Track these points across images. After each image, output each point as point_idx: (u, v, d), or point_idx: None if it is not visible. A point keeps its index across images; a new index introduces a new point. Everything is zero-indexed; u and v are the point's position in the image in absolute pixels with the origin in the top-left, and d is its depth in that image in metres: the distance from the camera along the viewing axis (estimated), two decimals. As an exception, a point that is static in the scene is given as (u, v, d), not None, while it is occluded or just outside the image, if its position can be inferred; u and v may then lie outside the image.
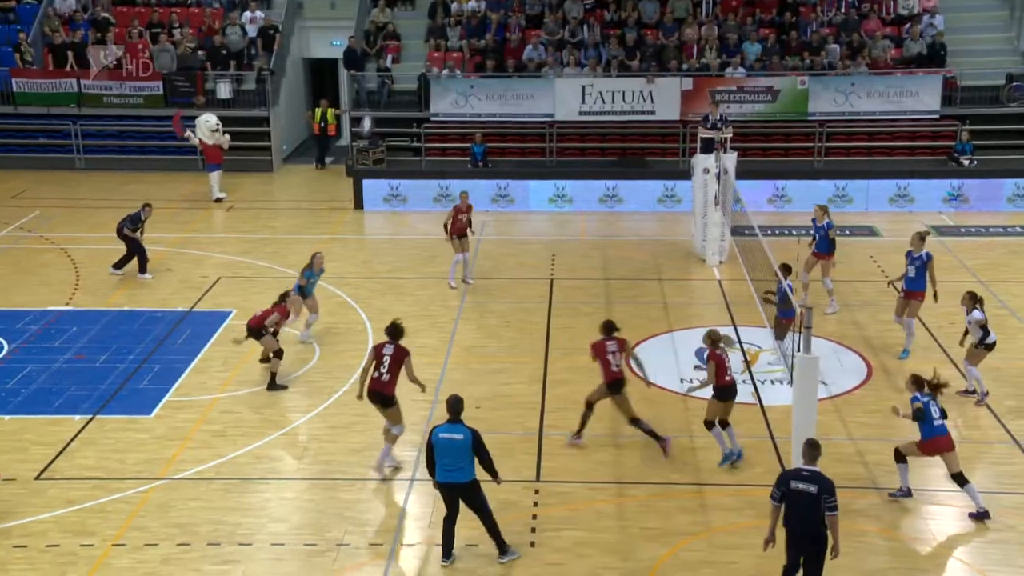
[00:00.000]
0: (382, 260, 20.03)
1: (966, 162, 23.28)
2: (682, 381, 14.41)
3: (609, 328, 12.71)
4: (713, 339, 12.19)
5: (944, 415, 11.24)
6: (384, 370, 11.94)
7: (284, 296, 14.89)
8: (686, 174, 21.05)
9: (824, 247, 16.69)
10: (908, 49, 25.32)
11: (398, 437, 12.21)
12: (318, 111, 26.67)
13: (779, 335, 13.87)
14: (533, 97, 24.89)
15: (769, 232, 20.25)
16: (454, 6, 27.36)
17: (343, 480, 12.14)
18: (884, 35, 25.59)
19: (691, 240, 20.01)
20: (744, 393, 13.95)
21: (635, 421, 12.54)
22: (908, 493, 11.50)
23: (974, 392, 13.60)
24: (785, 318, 13.82)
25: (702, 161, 19.16)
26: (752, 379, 14.38)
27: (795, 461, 10.53)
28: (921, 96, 24.18)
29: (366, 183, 23.27)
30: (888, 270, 18.67)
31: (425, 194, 23.22)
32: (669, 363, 14.99)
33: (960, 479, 11.15)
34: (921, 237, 15.49)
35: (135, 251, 18.50)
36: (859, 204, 22.48)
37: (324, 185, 25.35)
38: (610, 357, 12.56)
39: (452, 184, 23.13)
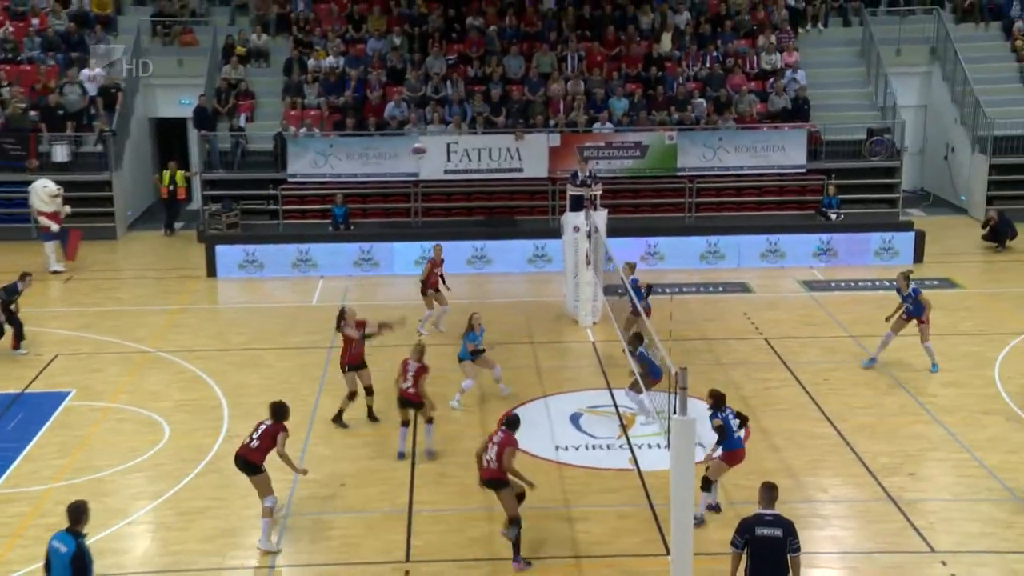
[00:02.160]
0: (238, 331, 19.63)
1: (833, 216, 24.29)
2: (557, 448, 14.46)
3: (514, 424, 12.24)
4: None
5: (741, 425, 12.55)
6: (255, 436, 12.19)
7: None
8: (556, 233, 21.37)
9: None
10: (773, 104, 26.42)
11: (272, 509, 12.11)
12: (166, 173, 26.16)
13: (637, 388, 14.41)
14: (396, 156, 24.98)
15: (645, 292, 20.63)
16: (311, 62, 27.35)
17: (195, 571, 11.71)
18: (749, 90, 26.66)
19: (563, 301, 20.24)
20: (621, 458, 14.11)
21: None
22: (718, 508, 12.59)
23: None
24: (653, 378, 14.14)
25: (572, 219, 19.46)
26: (629, 443, 14.53)
27: (674, 528, 10.63)
28: (787, 151, 25.20)
29: (219, 249, 22.86)
30: (762, 327, 19.23)
31: (283, 260, 22.94)
32: (543, 430, 15.02)
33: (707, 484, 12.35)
34: (906, 277, 17.06)
35: (13, 324, 17.92)
36: (731, 260, 23.16)
37: (173, 252, 24.81)
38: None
39: (311, 248, 22.92)
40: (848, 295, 21.21)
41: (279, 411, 12.47)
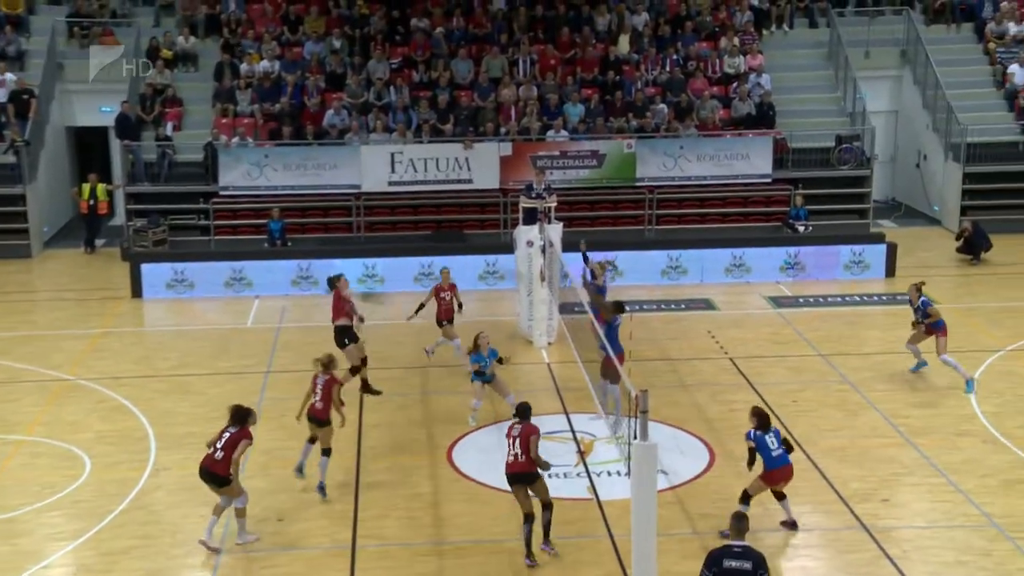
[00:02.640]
0: (165, 355, 19.50)
1: (801, 228, 24.66)
2: (511, 477, 14.51)
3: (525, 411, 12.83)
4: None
5: (784, 446, 12.74)
6: (219, 446, 12.68)
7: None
8: (508, 248, 21.48)
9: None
10: (736, 110, 26.78)
11: (245, 509, 12.82)
12: (86, 187, 25.96)
13: (614, 376, 14.64)
14: (336, 167, 24.99)
15: (600, 309, 20.80)
16: (243, 66, 27.30)
17: (122, 615, 11.62)
18: (712, 95, 26.99)
19: (516, 320, 20.33)
20: (579, 487, 14.19)
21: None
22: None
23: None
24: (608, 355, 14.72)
25: (525, 233, 19.57)
26: (587, 471, 14.61)
27: (636, 560, 10.74)
28: (752, 159, 25.55)
29: (145, 268, 22.72)
30: (726, 345, 19.45)
31: (215, 278, 22.84)
32: (495, 457, 15.05)
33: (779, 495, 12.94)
34: (917, 288, 17.57)
35: None
36: (694, 275, 23.40)
37: (94, 271, 24.59)
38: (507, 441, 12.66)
39: (246, 266, 22.85)
40: (817, 311, 21.52)
41: (241, 415, 12.82)
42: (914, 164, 29.14)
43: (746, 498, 12.82)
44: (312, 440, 14.40)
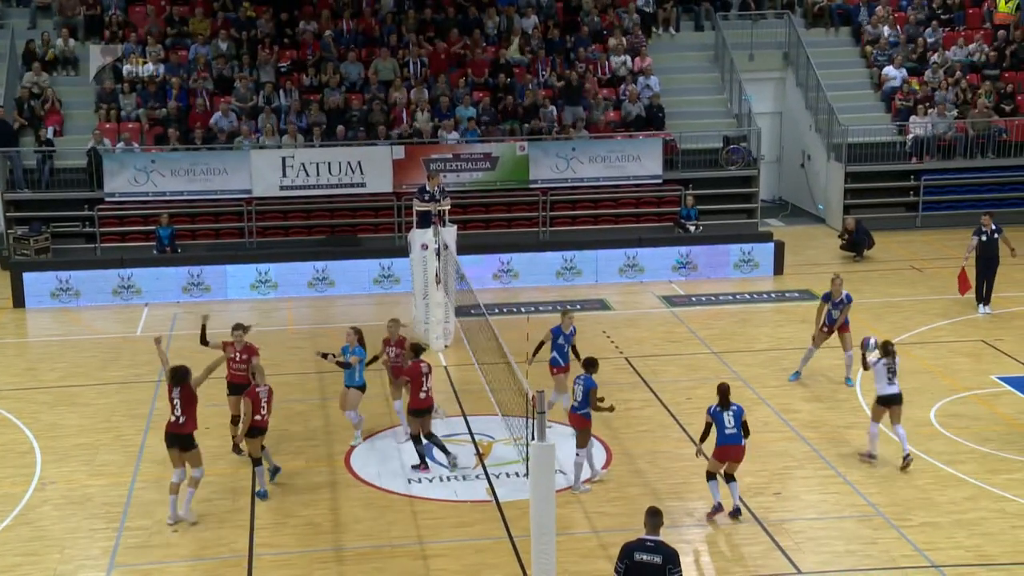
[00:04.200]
0: (51, 366, 18.99)
1: (692, 228, 25.05)
2: (409, 481, 14.46)
3: (417, 350, 14.70)
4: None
5: (740, 427, 13.33)
6: (178, 412, 13.18)
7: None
8: (403, 251, 21.40)
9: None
10: (626, 112, 27.09)
11: (199, 480, 13.33)
12: (-38, 194, 25.12)
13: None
14: (226, 171, 24.62)
15: (497, 311, 20.87)
16: (127, 69, 26.71)
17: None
18: (602, 97, 27.26)
19: (413, 323, 20.27)
20: (479, 489, 14.21)
21: (430, 436, 14.62)
22: (719, 508, 13.40)
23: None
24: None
25: (420, 236, 19.53)
26: (486, 473, 14.64)
27: (535, 559, 10.79)
28: (643, 160, 25.87)
29: (28, 276, 22.11)
30: (622, 344, 19.66)
31: (102, 286, 22.33)
32: (392, 463, 15.01)
33: (712, 475, 13.46)
34: (837, 281, 17.57)
35: None
36: (588, 276, 23.60)
37: (-26, 281, 23.85)
38: (424, 380, 14.41)
39: (134, 273, 22.40)
40: (709, 309, 21.88)
41: (181, 375, 13.29)
42: (799, 164, 29.84)
43: (710, 476, 13.47)
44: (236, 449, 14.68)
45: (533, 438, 10.96)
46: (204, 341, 15.32)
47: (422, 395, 14.50)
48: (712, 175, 26.70)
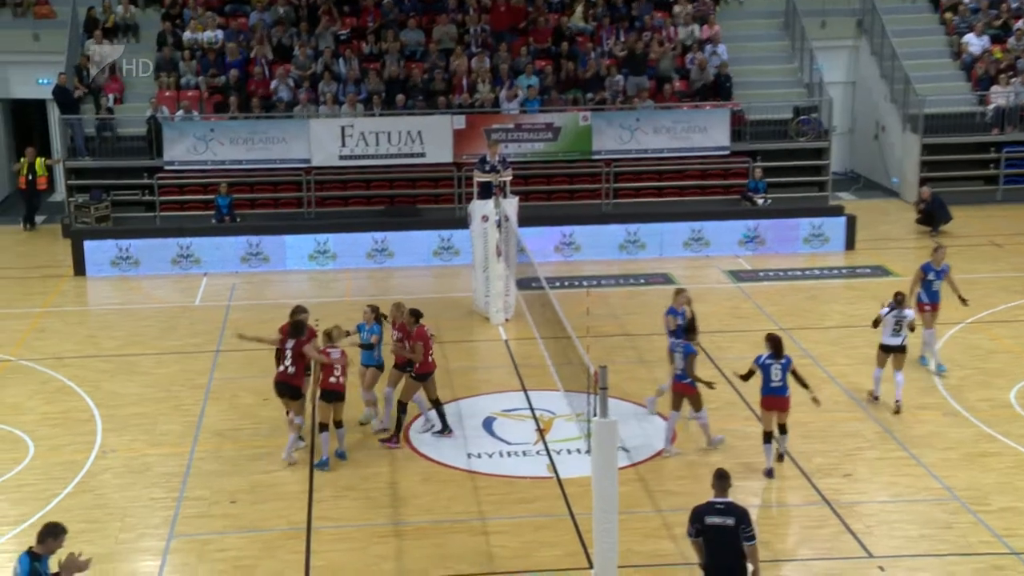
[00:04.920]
0: (111, 334, 19.26)
1: (760, 201, 24.76)
2: (469, 456, 14.49)
3: (417, 315, 14.69)
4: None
5: (786, 379, 13.64)
6: (288, 362, 13.93)
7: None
8: (463, 223, 21.39)
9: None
10: (693, 81, 26.78)
11: (301, 427, 14.14)
12: (24, 162, 25.50)
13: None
14: (285, 141, 24.75)
15: (558, 284, 20.81)
16: (186, 36, 26.89)
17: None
18: (668, 65, 26.95)
19: (472, 296, 20.27)
20: (539, 465, 14.20)
21: (437, 403, 14.82)
22: (770, 474, 13.77)
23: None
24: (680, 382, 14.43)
25: (480, 208, 19.50)
26: (547, 449, 14.62)
27: (597, 539, 10.76)
28: (710, 131, 25.59)
29: (88, 245, 22.39)
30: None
31: (162, 255, 22.57)
32: (456, 437, 15.03)
33: (768, 436, 13.80)
34: (941, 250, 17.30)
35: None
36: (652, 250, 23.43)
37: (35, 249, 24.25)
38: (431, 345, 14.60)
39: (193, 242, 22.60)
40: (777, 285, 21.63)
41: (299, 328, 14.02)
42: (872, 136, 29.35)
43: (766, 438, 13.78)
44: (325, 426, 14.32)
45: (595, 414, 10.90)
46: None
47: (431, 358, 14.66)
48: (781, 147, 26.34)
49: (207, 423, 15.53)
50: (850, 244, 23.72)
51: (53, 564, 9.41)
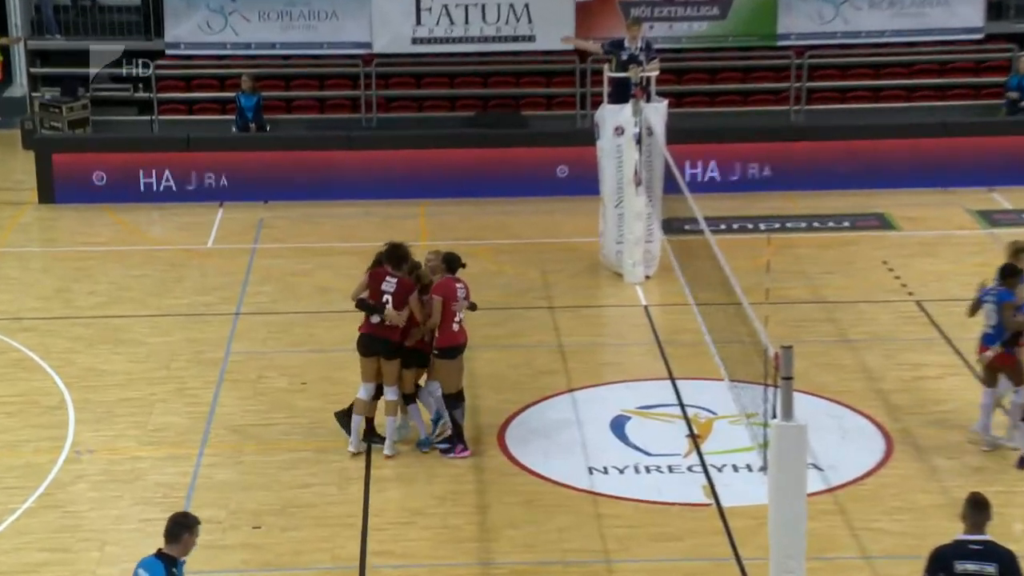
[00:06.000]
0: (89, 287, 19.63)
1: (1027, 107, 24.34)
2: (591, 471, 14.51)
3: (453, 262, 14.51)
4: None
5: None
6: (387, 300, 14.09)
7: None
8: (588, 136, 21.32)
9: None
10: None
11: (397, 403, 14.46)
12: (-31, 42, 26.08)
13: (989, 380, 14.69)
14: (336, 16, 24.98)
15: (724, 227, 20.74)
16: None
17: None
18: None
19: (599, 243, 20.23)
20: (691, 487, 14.16)
21: (459, 396, 14.61)
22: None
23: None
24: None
25: (613, 116, 19.42)
26: (703, 464, 14.58)
27: (775, 591, 10.73)
28: (953, 6, 25.18)
29: (59, 160, 22.84)
30: (911, 281, 19.31)
31: (160, 176, 22.92)
32: (570, 443, 15.06)
33: None
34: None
35: None
36: (862, 179, 23.20)
37: (-16, 164, 24.89)
38: (455, 308, 14.29)
39: (205, 160, 22.89)
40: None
41: (396, 255, 14.23)
42: None
43: None
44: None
45: (775, 415, 10.84)
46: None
47: (455, 326, 14.43)
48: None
49: (221, 415, 15.73)
50: None
51: None
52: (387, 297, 14.12)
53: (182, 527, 9.72)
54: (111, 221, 22.35)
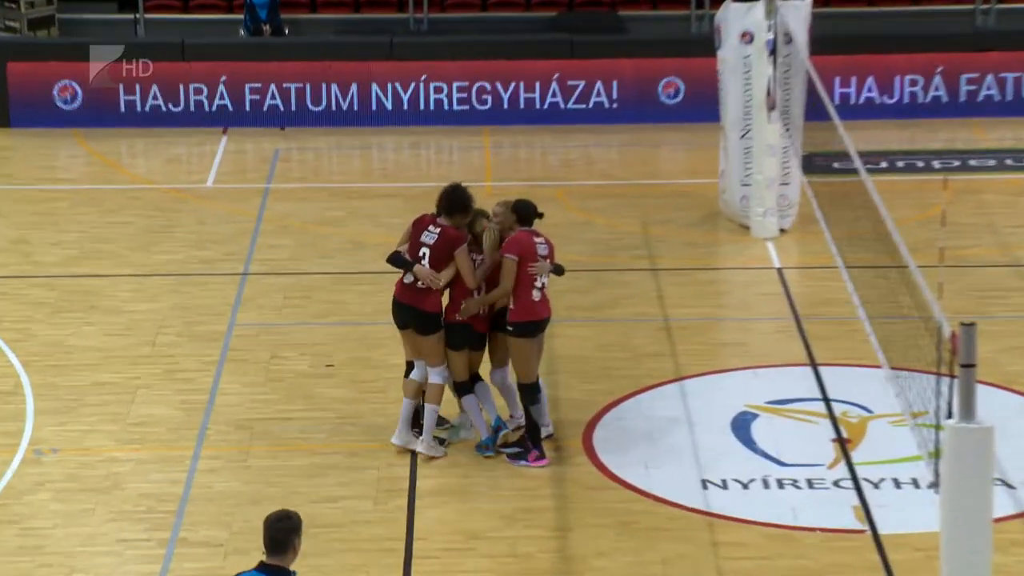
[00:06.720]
0: (54, 237, 19.88)
1: None
2: (705, 484, 14.51)
3: (527, 211, 14.37)
4: None
5: None
6: (422, 261, 14.21)
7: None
8: (707, 45, 21.28)
9: None
10: None
11: (442, 389, 14.43)
12: None
13: None
14: None
15: (885, 165, 20.69)
16: None
17: None
18: None
19: (718, 185, 20.21)
20: (839, 507, 14.13)
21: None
22: None
23: None
24: None
25: (739, 18, 19.41)
26: (854, 478, 14.53)
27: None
28: None
29: (14, 70, 23.13)
30: None
31: (146, 93, 23.22)
32: (680, 448, 15.06)
33: None
34: None
35: None
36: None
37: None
38: (534, 270, 14.17)
39: (203, 71, 23.05)
40: None
41: (450, 200, 14.18)
42: None
43: None
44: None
45: (950, 414, 10.79)
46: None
47: (535, 294, 14.36)
48: None
49: (223, 406, 15.85)
50: None
51: None
52: (424, 251, 14.16)
53: (290, 531, 9.55)
54: (82, 152, 22.57)
